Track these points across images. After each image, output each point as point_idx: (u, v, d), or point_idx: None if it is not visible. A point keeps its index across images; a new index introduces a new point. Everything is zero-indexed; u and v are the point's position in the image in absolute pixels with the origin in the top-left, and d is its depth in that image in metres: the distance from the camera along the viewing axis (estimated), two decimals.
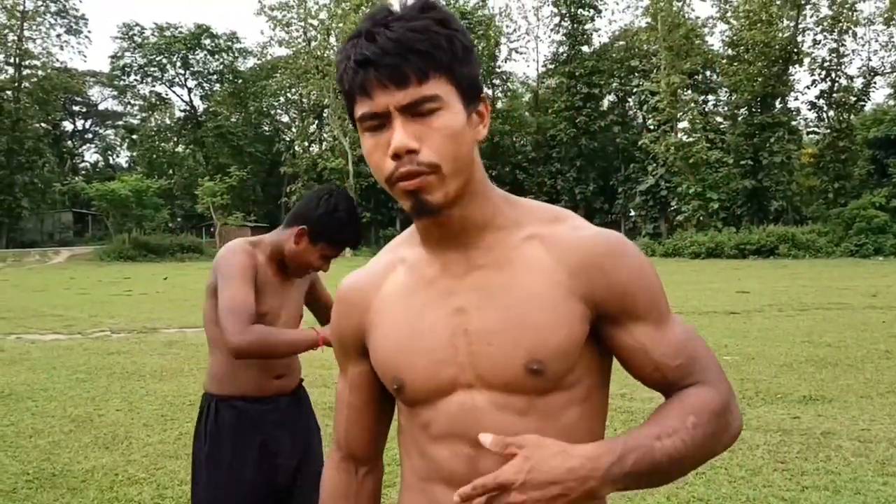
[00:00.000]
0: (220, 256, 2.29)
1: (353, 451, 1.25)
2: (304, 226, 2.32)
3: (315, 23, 45.82)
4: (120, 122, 62.68)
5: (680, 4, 40.90)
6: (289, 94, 54.06)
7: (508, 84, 50.44)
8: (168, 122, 58.10)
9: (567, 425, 1.06)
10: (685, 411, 1.02)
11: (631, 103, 48.71)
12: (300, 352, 2.27)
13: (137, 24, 54.16)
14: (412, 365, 1.09)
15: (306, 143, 50.01)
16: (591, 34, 46.56)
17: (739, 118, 41.35)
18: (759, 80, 38.45)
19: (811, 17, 40.76)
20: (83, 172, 62.38)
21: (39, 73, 51.69)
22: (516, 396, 1.05)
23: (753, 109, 40.41)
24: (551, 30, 48.01)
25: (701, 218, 37.29)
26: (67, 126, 62.83)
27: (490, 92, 48.28)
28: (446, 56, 0.98)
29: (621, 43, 47.43)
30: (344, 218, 2.31)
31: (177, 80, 55.34)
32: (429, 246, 1.11)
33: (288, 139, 54.60)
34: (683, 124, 40.31)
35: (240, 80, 53.92)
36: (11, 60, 49.75)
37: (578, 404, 1.08)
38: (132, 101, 59.94)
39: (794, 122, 41.22)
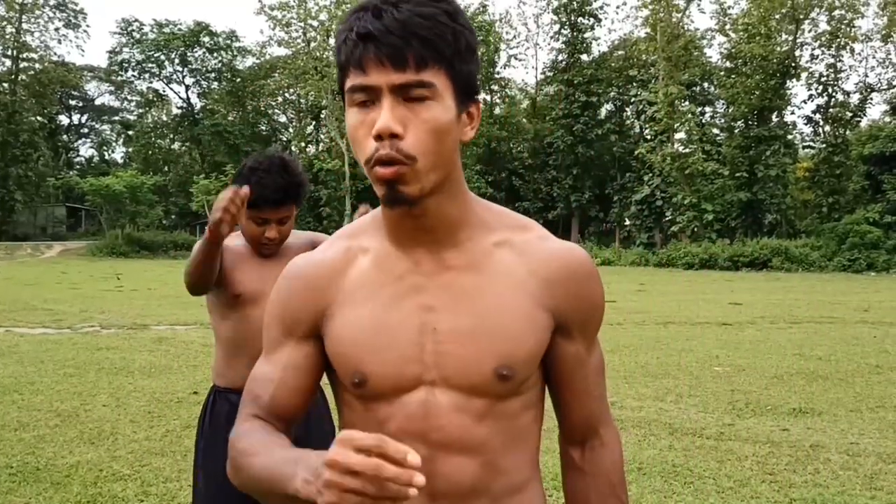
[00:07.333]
0: None
1: (280, 416, 1.12)
2: None
3: (315, 24, 45.80)
4: (116, 118, 62.33)
5: (679, 16, 41.04)
6: (287, 95, 53.93)
7: (507, 90, 50.41)
8: (164, 118, 57.76)
9: (521, 428, 1.11)
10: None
11: (628, 113, 48.65)
12: (207, 251, 2.18)
13: (136, 20, 54.06)
14: (377, 360, 1.06)
15: (303, 144, 49.95)
16: (591, 43, 46.41)
17: (736, 130, 41.36)
18: (757, 93, 38.52)
19: (809, 31, 40.85)
20: (78, 167, 62.05)
21: (36, 66, 51.38)
22: (478, 399, 1.06)
23: (750, 122, 40.47)
24: (551, 37, 48.20)
25: (695, 229, 37.33)
26: (63, 120, 62.48)
27: (489, 97, 48.29)
28: (449, 49, 0.97)
29: (620, 52, 47.42)
30: (248, 174, 2.22)
31: (174, 76, 55.04)
32: (398, 240, 1.09)
33: (285, 139, 54.44)
34: (680, 135, 40.31)
35: (238, 79, 53.65)
36: (9, 53, 49.44)
37: (531, 408, 1.12)
38: (129, 97, 59.68)
39: (790, 136, 41.21)
